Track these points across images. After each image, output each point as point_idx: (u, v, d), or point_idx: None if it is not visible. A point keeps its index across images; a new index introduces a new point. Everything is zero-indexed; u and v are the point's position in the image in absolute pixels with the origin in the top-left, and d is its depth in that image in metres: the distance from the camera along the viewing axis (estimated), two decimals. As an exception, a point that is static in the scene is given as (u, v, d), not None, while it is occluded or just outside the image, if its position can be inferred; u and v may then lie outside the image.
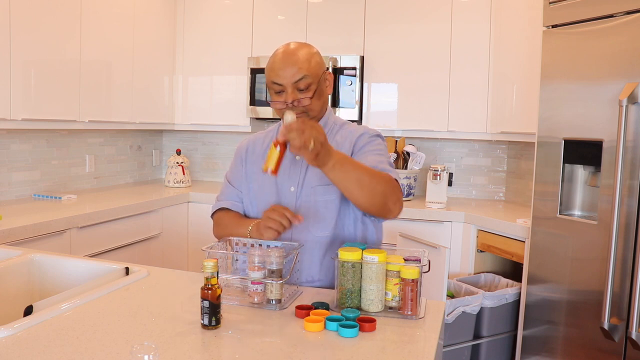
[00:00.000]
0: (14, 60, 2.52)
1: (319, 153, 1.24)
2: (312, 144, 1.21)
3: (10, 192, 2.95)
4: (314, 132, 1.22)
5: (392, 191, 1.43)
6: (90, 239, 2.65)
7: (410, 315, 1.26)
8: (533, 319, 2.45)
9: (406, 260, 1.29)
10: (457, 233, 3.04)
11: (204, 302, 1.14)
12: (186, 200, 3.47)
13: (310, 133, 1.21)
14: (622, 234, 2.00)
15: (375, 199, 1.40)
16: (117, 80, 3.27)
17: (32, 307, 1.20)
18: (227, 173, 1.76)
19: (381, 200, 1.41)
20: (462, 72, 3.31)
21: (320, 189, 1.56)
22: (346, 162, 1.35)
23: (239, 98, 3.73)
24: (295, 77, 1.50)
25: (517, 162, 3.49)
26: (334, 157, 1.30)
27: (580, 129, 2.21)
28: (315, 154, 1.24)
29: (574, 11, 2.21)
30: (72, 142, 3.38)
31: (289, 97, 1.51)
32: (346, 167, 1.34)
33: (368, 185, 1.37)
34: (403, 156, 3.44)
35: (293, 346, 1.08)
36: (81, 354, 1.01)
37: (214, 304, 1.14)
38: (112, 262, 1.68)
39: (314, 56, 1.55)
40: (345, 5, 3.51)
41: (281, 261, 1.29)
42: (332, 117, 1.67)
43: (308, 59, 1.52)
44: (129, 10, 3.32)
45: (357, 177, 1.36)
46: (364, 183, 1.36)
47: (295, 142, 1.22)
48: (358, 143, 1.58)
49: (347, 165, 1.34)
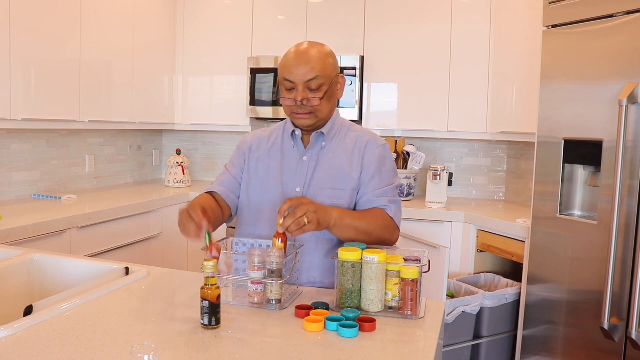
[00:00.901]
0: (14, 60, 2.52)
1: (319, 220, 1.34)
2: (307, 220, 1.31)
3: (10, 192, 2.95)
4: (303, 208, 1.31)
5: (386, 229, 1.54)
6: (90, 239, 2.65)
7: (410, 315, 1.26)
8: (533, 319, 2.45)
9: (406, 260, 1.29)
10: (457, 233, 3.04)
11: (204, 302, 1.14)
12: (186, 200, 3.46)
13: (301, 211, 1.30)
14: (622, 234, 2.00)
15: (371, 240, 1.50)
16: (117, 80, 3.27)
17: (32, 307, 1.20)
18: (228, 164, 1.74)
19: (377, 240, 1.52)
20: (462, 72, 3.31)
21: (329, 191, 1.56)
22: (345, 216, 1.46)
23: (239, 98, 3.73)
24: (308, 76, 1.50)
25: (517, 162, 3.49)
26: (333, 214, 1.41)
27: (580, 129, 2.21)
28: (315, 225, 1.34)
29: (574, 11, 2.21)
30: (72, 142, 3.38)
31: (300, 95, 1.51)
32: (345, 221, 1.45)
33: (365, 231, 1.49)
34: (403, 156, 3.44)
35: (293, 346, 1.08)
36: (81, 354, 1.01)
37: (214, 304, 1.14)
38: (112, 262, 1.67)
39: (329, 57, 1.55)
40: (345, 5, 3.51)
41: (281, 261, 1.29)
42: (339, 120, 1.67)
43: (322, 59, 1.52)
44: (129, 10, 3.32)
45: (355, 227, 1.47)
46: (360, 230, 1.48)
47: (292, 228, 1.30)
48: (366, 156, 1.60)
49: (346, 219, 1.45)
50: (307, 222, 1.31)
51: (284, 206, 1.32)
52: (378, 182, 1.58)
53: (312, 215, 1.32)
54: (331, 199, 1.55)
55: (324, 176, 1.58)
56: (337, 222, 1.42)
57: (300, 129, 1.62)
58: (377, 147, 1.61)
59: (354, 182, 1.58)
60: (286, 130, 1.66)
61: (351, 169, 1.58)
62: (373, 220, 1.52)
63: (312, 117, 1.55)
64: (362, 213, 1.54)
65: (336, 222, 1.42)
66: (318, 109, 1.53)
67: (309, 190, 1.57)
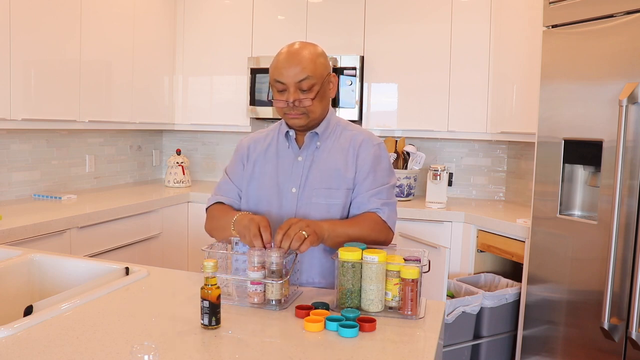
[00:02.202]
0: (14, 60, 2.52)
1: (315, 231, 1.35)
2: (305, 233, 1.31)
3: (10, 192, 2.95)
4: (295, 227, 1.32)
5: (380, 233, 1.55)
6: (90, 239, 2.65)
7: (410, 315, 1.26)
8: (533, 319, 2.45)
9: (406, 260, 1.29)
10: (457, 233, 3.04)
11: (204, 302, 1.14)
12: (186, 200, 3.46)
13: (294, 230, 1.32)
14: (622, 234, 2.00)
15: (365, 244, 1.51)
16: (117, 80, 3.27)
17: (32, 307, 1.20)
18: (228, 168, 1.75)
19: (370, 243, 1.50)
20: (462, 72, 3.31)
21: (324, 191, 1.57)
22: (336, 226, 1.47)
23: (239, 98, 3.73)
24: (299, 77, 1.49)
25: (517, 162, 3.49)
26: (324, 226, 1.42)
27: (580, 129, 2.21)
28: (314, 236, 1.34)
29: (574, 11, 2.21)
30: (72, 142, 3.38)
31: (291, 96, 1.50)
32: (337, 230, 1.46)
33: (358, 238, 1.49)
34: (403, 156, 3.44)
35: (293, 346, 1.08)
36: (81, 354, 1.01)
37: (214, 304, 1.14)
38: (112, 262, 1.67)
39: (319, 57, 1.54)
40: (345, 5, 3.51)
41: (281, 261, 1.29)
42: (333, 119, 1.66)
43: (313, 59, 1.52)
44: (129, 10, 3.32)
45: (348, 235, 1.48)
46: (353, 238, 1.48)
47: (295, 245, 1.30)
48: (361, 155, 1.59)
49: (338, 229, 1.47)
50: (307, 235, 1.32)
51: (278, 237, 1.32)
52: (372, 182, 1.58)
53: (306, 229, 1.33)
54: (326, 198, 1.56)
55: (318, 176, 1.58)
56: (330, 233, 1.43)
57: (294, 130, 1.62)
58: (372, 146, 1.61)
59: (348, 181, 1.58)
60: (281, 132, 1.66)
61: (346, 169, 1.58)
62: (365, 226, 1.52)
63: (305, 118, 1.54)
64: (353, 220, 1.54)
65: (329, 232, 1.43)
66: (310, 109, 1.53)
67: (304, 191, 1.57)
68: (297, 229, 1.32)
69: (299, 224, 1.34)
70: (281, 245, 1.31)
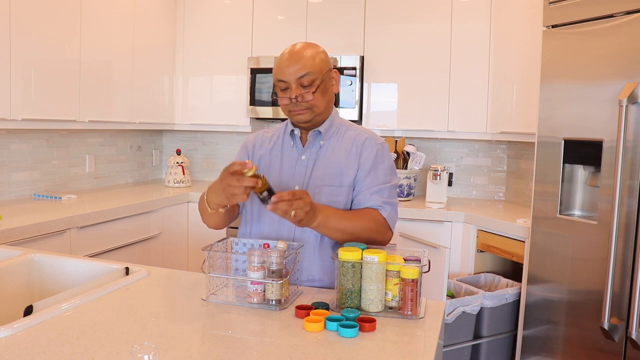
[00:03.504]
0: (14, 60, 2.52)
1: (301, 220, 1.38)
2: (294, 213, 1.34)
3: (10, 192, 2.95)
4: (300, 203, 1.34)
5: (377, 231, 1.54)
6: (90, 239, 2.65)
7: (410, 315, 1.26)
8: (533, 319, 2.45)
9: (406, 260, 1.29)
10: (457, 233, 3.04)
11: (263, 193, 1.32)
12: (186, 200, 3.47)
13: (297, 205, 1.34)
14: (622, 234, 2.00)
15: (359, 241, 1.51)
16: (117, 80, 3.27)
17: (32, 307, 1.20)
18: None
19: (365, 241, 1.50)
20: (462, 72, 3.32)
21: (327, 189, 1.58)
22: (330, 218, 1.47)
23: (239, 98, 3.73)
24: (299, 74, 1.52)
25: (517, 162, 3.49)
26: (317, 219, 1.43)
27: (580, 129, 2.21)
28: (296, 222, 1.39)
29: (574, 11, 2.21)
30: (72, 142, 3.38)
31: (293, 92, 1.54)
32: (330, 223, 1.47)
33: (351, 233, 1.50)
34: (403, 156, 3.44)
35: (293, 346, 1.08)
36: (81, 354, 1.01)
37: (271, 188, 1.33)
38: (112, 262, 1.67)
39: (319, 54, 1.58)
40: (345, 5, 3.51)
41: (281, 261, 1.29)
42: (337, 119, 1.68)
43: (312, 56, 1.55)
44: (129, 10, 3.32)
45: (341, 229, 1.49)
46: (347, 232, 1.50)
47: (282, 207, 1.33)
48: (363, 154, 1.61)
49: (331, 221, 1.47)
50: (293, 215, 1.34)
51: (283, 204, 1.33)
52: (373, 180, 1.58)
53: (300, 212, 1.35)
54: (329, 196, 1.57)
55: (322, 174, 1.59)
56: (320, 224, 1.45)
57: (299, 129, 1.64)
58: (374, 145, 1.62)
59: (351, 179, 1.59)
60: (286, 131, 1.69)
61: (348, 167, 1.59)
62: (362, 221, 1.53)
63: (309, 112, 1.57)
64: (352, 214, 1.54)
65: (319, 223, 1.44)
66: (313, 103, 1.55)
67: (307, 189, 1.59)
68: (298, 206, 1.34)
69: (304, 206, 1.35)
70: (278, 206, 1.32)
